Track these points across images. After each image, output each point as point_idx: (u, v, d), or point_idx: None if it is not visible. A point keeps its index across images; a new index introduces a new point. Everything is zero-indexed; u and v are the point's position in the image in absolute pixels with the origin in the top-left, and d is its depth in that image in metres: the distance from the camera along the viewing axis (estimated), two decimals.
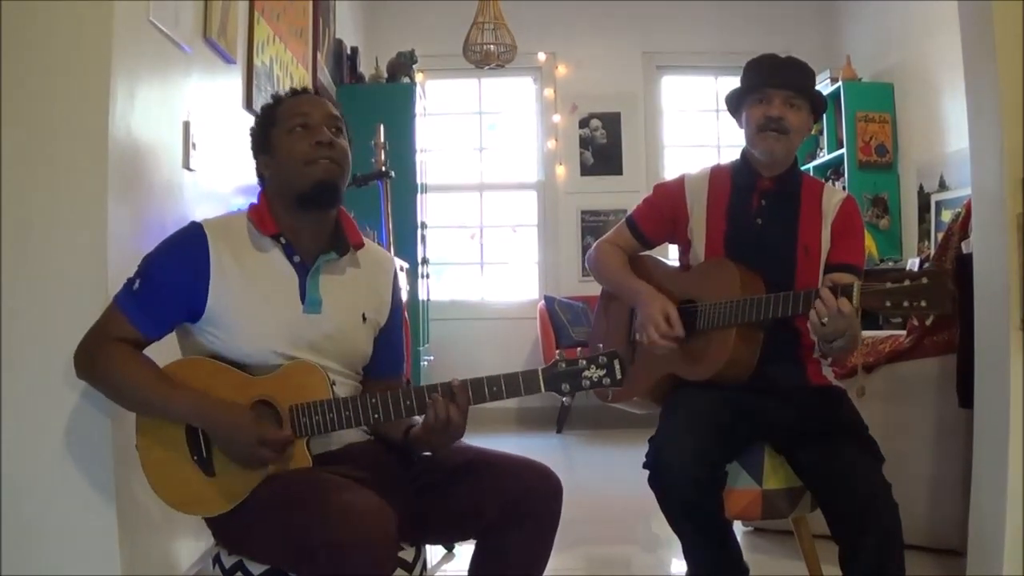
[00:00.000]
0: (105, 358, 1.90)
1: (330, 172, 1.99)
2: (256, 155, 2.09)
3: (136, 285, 1.93)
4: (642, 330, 2.44)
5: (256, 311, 1.93)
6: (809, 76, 2.52)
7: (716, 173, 2.58)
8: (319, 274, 2.01)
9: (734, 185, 2.54)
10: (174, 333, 2.01)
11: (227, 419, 1.83)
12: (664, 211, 2.61)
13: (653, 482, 2.25)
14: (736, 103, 2.54)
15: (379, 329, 2.14)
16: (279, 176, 2.01)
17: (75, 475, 2.16)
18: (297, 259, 2.00)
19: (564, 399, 1.98)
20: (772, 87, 2.44)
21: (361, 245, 2.11)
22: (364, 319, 2.08)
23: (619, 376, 1.89)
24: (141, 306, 1.91)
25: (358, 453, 1.99)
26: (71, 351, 1.98)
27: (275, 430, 1.84)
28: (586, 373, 1.89)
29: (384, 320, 2.16)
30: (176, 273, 1.93)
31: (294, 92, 2.12)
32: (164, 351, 1.98)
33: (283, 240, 2.00)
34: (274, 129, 2.03)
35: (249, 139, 2.11)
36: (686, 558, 2.33)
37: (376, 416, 1.90)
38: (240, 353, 1.93)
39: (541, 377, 1.90)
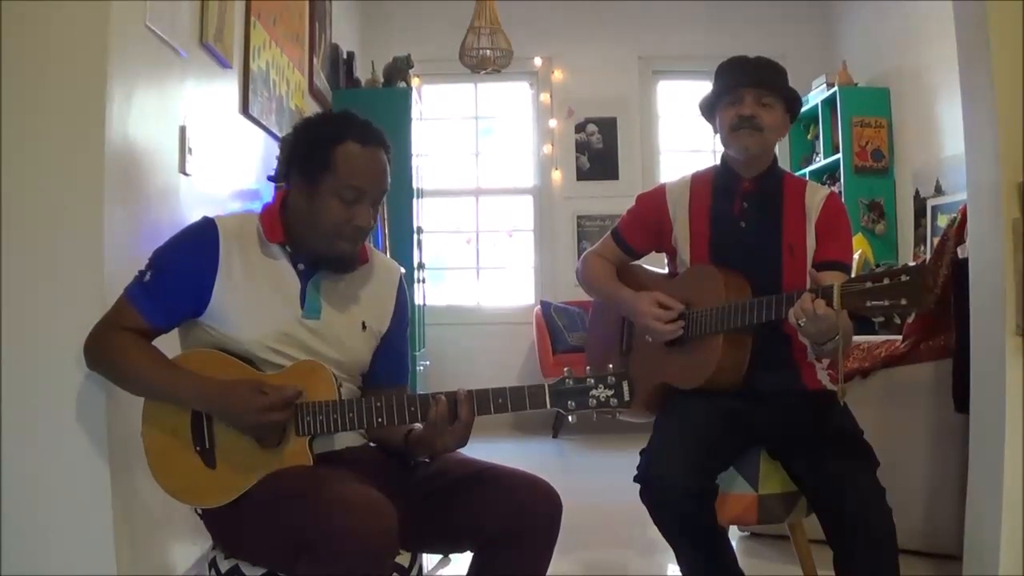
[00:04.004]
0: (112, 345, 1.94)
1: (353, 250, 2.00)
2: (290, 169, 1.98)
3: (147, 277, 1.95)
4: (645, 331, 2.45)
5: (255, 312, 1.95)
6: (779, 74, 2.49)
7: (697, 179, 2.58)
8: (321, 281, 2.02)
9: (715, 190, 2.53)
10: (176, 329, 2.02)
11: (228, 396, 1.85)
12: (648, 221, 2.61)
13: (644, 496, 2.25)
14: (710, 109, 2.53)
15: (380, 337, 2.14)
16: (305, 218, 1.96)
17: (72, 477, 2.16)
18: (301, 266, 2.01)
19: (569, 418, 1.94)
20: (742, 86, 2.42)
21: (366, 261, 2.10)
22: (364, 327, 2.08)
23: (627, 397, 1.88)
24: (151, 296, 1.94)
25: (358, 456, 2.00)
26: (69, 354, 2.00)
27: (274, 390, 1.85)
28: (593, 392, 1.89)
29: (385, 328, 2.15)
30: (186, 264, 1.95)
31: (365, 137, 1.95)
32: (166, 348, 1.99)
33: (289, 249, 2.01)
34: (326, 175, 1.91)
35: (292, 143, 2.00)
36: (680, 568, 2.33)
37: (380, 420, 1.91)
38: (237, 350, 1.94)
39: (548, 393, 1.89)
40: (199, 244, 1.96)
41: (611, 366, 1.92)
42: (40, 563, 2.15)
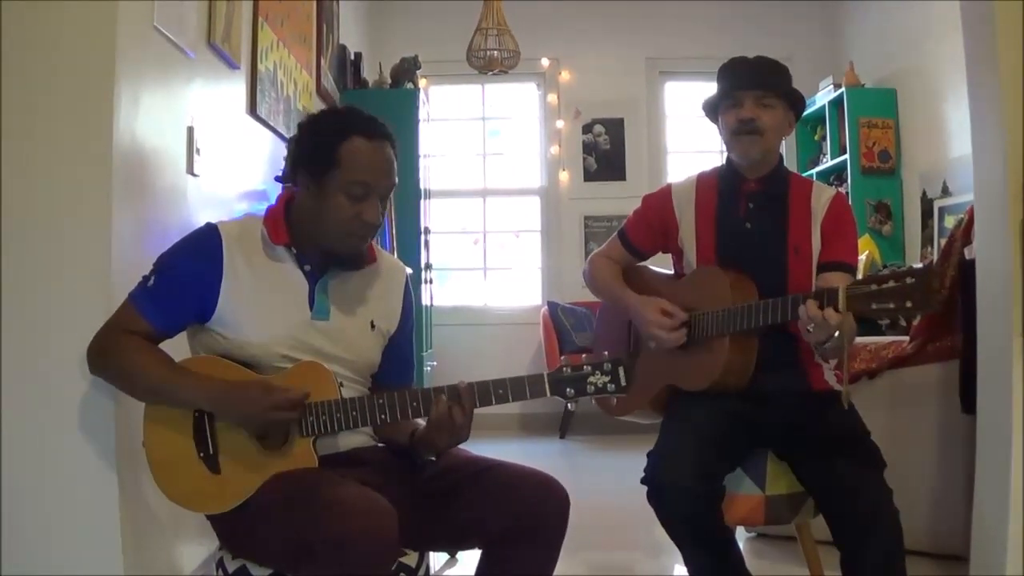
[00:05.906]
0: (115, 348, 1.94)
1: (363, 246, 2.02)
2: (298, 167, 1.98)
3: (151, 282, 1.96)
4: (648, 339, 2.45)
5: (264, 315, 1.95)
6: (780, 74, 2.48)
7: (702, 180, 2.58)
8: (329, 282, 2.02)
9: (720, 190, 2.53)
10: (184, 334, 2.02)
11: (236, 395, 1.85)
12: (654, 222, 2.61)
13: (651, 498, 2.25)
14: (713, 110, 2.53)
15: (389, 337, 2.15)
16: (314, 217, 1.96)
17: (79, 477, 2.17)
18: (308, 267, 2.01)
19: (569, 404, 1.98)
20: (741, 89, 2.42)
21: (373, 260, 2.11)
22: (373, 327, 2.09)
23: (623, 383, 1.90)
24: (154, 301, 1.94)
25: (364, 457, 2.00)
26: (75, 354, 2.00)
27: (285, 389, 1.85)
28: (591, 379, 1.90)
29: (394, 328, 2.16)
30: (190, 270, 1.95)
31: (371, 132, 1.95)
32: (173, 353, 1.99)
33: (294, 250, 2.01)
34: (333, 171, 1.91)
35: (297, 142, 2.00)
36: (688, 569, 2.33)
37: (383, 417, 1.91)
38: (246, 355, 1.94)
39: (547, 381, 1.90)
40: (202, 249, 1.97)
41: (606, 353, 1.93)
42: (46, 563, 2.15)
